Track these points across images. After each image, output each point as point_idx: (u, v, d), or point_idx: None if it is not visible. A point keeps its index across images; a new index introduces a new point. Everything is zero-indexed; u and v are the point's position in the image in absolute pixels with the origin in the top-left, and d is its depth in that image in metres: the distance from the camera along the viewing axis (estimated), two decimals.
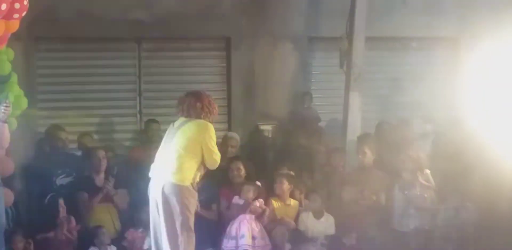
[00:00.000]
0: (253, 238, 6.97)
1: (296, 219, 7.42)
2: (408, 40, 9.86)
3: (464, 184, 7.51)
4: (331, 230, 7.39)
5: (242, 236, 6.94)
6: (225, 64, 9.58)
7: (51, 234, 7.01)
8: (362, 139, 8.14)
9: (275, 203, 7.41)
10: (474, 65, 9.18)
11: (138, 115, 9.42)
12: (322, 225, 7.37)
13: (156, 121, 8.69)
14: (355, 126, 8.79)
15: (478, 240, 7.31)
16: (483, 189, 7.43)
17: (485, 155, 7.62)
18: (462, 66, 9.67)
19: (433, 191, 7.62)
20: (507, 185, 6.87)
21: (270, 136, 9.31)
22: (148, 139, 8.60)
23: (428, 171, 7.70)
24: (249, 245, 6.93)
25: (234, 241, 6.97)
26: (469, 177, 7.58)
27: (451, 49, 9.95)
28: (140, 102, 9.42)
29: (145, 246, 7.00)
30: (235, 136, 8.48)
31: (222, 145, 8.28)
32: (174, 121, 6.29)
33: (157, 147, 8.17)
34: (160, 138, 8.46)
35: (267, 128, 9.33)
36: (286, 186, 7.38)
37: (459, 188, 7.49)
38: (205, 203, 7.21)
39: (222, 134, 8.98)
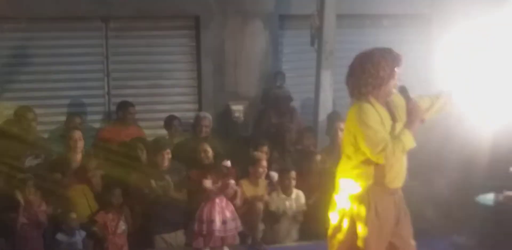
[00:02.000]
0: (224, 221, 6.90)
1: (267, 198, 7.34)
2: (380, 18, 9.79)
3: (436, 159, 7.50)
4: (303, 207, 7.32)
5: (213, 220, 6.87)
6: (194, 44, 9.42)
7: (14, 215, 6.79)
8: (332, 117, 8.08)
9: (246, 184, 7.32)
10: (446, 42, 9.12)
11: (107, 97, 9.23)
12: (293, 202, 7.29)
13: (133, 105, 8.51)
14: (327, 105, 8.75)
15: (451, 216, 7.31)
16: (456, 163, 7.44)
17: (457, 130, 7.60)
18: (434, 43, 9.62)
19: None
20: (479, 158, 6.88)
21: (241, 115, 9.20)
22: (120, 120, 8.44)
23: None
24: (220, 230, 6.86)
25: (205, 225, 6.88)
26: (441, 154, 7.57)
27: (422, 26, 9.90)
28: (108, 83, 9.24)
29: (119, 230, 6.86)
30: (208, 116, 8.37)
31: (195, 125, 8.20)
32: None
33: (128, 129, 8.15)
34: (135, 121, 8.42)
35: (238, 108, 9.23)
36: (260, 167, 7.29)
37: (432, 164, 7.47)
38: (175, 185, 7.10)
39: (192, 114, 8.89)
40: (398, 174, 4.44)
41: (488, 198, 6.24)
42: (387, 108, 4.34)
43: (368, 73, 4.27)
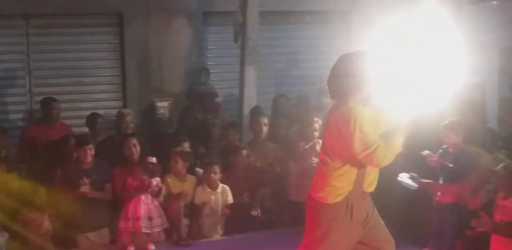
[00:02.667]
0: (150, 218, 6.91)
1: (193, 193, 7.38)
2: (302, 14, 9.95)
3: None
4: (229, 199, 7.41)
5: (138, 218, 6.88)
6: (118, 41, 9.39)
7: None
8: (255, 112, 8.17)
9: (172, 180, 7.34)
10: (366, 38, 9.34)
11: (28, 95, 9.11)
12: (219, 197, 7.37)
13: (57, 101, 8.38)
14: (251, 100, 8.84)
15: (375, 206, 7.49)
16: None
17: None
18: (354, 39, 9.84)
19: None
20: (409, 153, 7.06)
21: (166, 112, 9.21)
22: (44, 118, 8.33)
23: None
24: (145, 227, 6.87)
25: (130, 222, 6.88)
26: None
27: (343, 22, 10.11)
28: (30, 81, 9.10)
29: (43, 230, 6.77)
30: (131, 112, 8.36)
31: (119, 122, 8.17)
32: None
33: (54, 126, 8.04)
34: (60, 118, 8.29)
35: (163, 104, 9.23)
36: (180, 164, 7.32)
37: None
38: (97, 183, 7.08)
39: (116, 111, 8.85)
40: (375, 178, 4.53)
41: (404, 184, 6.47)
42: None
43: (350, 75, 4.26)
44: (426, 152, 6.61)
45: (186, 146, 7.57)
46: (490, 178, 6.10)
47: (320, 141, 7.71)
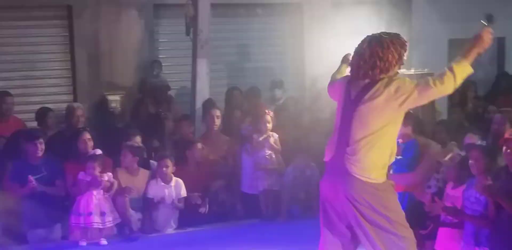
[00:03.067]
0: (102, 214, 6.87)
1: (147, 187, 7.34)
2: (253, 7, 9.94)
3: (307, 145, 7.73)
4: (182, 193, 7.38)
5: (90, 213, 6.83)
6: (67, 33, 9.24)
7: None
8: (208, 104, 8.16)
9: (122, 174, 7.29)
10: (317, 29, 9.43)
11: None
12: (172, 190, 7.34)
13: (11, 95, 8.22)
14: (203, 93, 8.81)
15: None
16: (323, 148, 7.67)
17: (325, 114, 7.89)
18: (306, 31, 9.90)
19: (279, 153, 7.79)
20: None
21: (118, 105, 9.13)
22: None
23: (276, 135, 7.86)
24: (97, 223, 6.83)
25: (82, 218, 6.83)
26: (311, 137, 7.81)
27: (295, 15, 10.13)
28: None
29: None
30: (81, 106, 8.29)
31: (69, 116, 8.07)
32: None
33: (7, 121, 7.87)
34: (12, 112, 8.10)
35: (114, 98, 9.14)
36: (130, 158, 7.27)
37: (303, 149, 7.69)
38: (48, 178, 6.99)
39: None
40: None
41: None
42: None
43: (377, 57, 4.28)
44: None
45: (138, 140, 7.52)
46: (439, 168, 6.19)
47: (274, 134, 7.82)
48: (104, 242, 6.89)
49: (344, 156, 4.33)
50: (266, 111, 7.90)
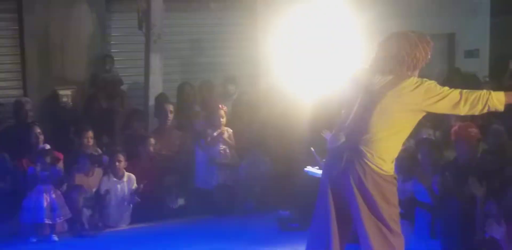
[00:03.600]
0: (53, 209, 6.77)
1: (99, 182, 7.26)
2: (207, 1, 9.91)
3: (261, 140, 7.75)
4: (135, 190, 7.31)
5: (41, 209, 6.73)
6: (17, 27, 9.06)
7: None
8: (160, 99, 8.12)
9: (78, 175, 7.19)
10: (271, 24, 9.41)
11: None
12: (125, 185, 7.28)
13: None
14: (156, 88, 8.77)
15: (275, 192, 7.61)
16: (278, 142, 7.73)
17: (279, 109, 7.91)
18: (260, 26, 9.90)
19: (234, 148, 7.79)
20: (297, 137, 7.19)
21: (69, 100, 9.00)
22: None
23: (230, 130, 7.86)
24: (48, 218, 6.73)
25: (32, 213, 6.72)
26: (265, 132, 7.84)
27: (248, 9, 10.12)
28: None
29: None
30: (29, 100, 8.17)
31: (18, 111, 7.93)
32: None
33: None
34: None
35: (66, 93, 9.02)
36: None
37: (257, 144, 7.71)
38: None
39: None
40: None
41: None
42: None
43: (405, 53, 4.31)
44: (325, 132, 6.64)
45: (89, 135, 7.43)
46: None
47: (228, 129, 7.82)
48: (55, 238, 6.79)
49: (360, 142, 4.32)
50: (220, 106, 7.89)
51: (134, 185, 7.31)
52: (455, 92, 4.27)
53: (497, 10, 11.19)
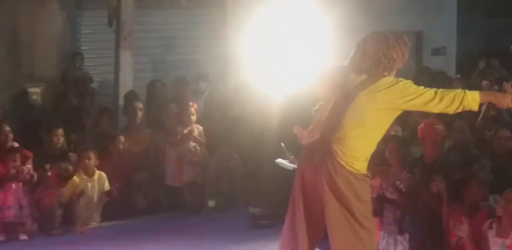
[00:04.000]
0: (21, 207, 6.73)
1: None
2: None
3: (231, 137, 7.78)
4: (106, 186, 7.31)
5: (9, 207, 6.69)
6: None
7: None
8: (129, 97, 8.11)
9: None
10: (241, 21, 9.44)
11: None
12: (95, 184, 7.26)
13: None
14: (127, 85, 8.77)
15: (246, 189, 7.64)
16: (248, 140, 7.76)
17: (250, 108, 7.94)
18: (231, 24, 9.91)
19: (204, 146, 7.81)
20: (267, 134, 7.22)
21: (39, 98, 8.94)
22: None
23: (200, 127, 7.88)
24: (16, 216, 6.69)
25: (0, 212, 6.67)
26: (235, 129, 7.87)
27: (219, 7, 10.12)
28: None
29: None
30: None
31: None
32: None
33: None
34: None
35: (35, 90, 8.95)
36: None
37: (227, 141, 7.74)
38: None
39: None
40: None
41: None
42: None
43: (382, 54, 4.36)
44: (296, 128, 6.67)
45: (59, 133, 7.39)
46: None
47: (199, 126, 7.83)
48: (24, 237, 6.74)
49: (332, 140, 4.35)
50: (190, 103, 7.91)
51: (105, 183, 7.29)
52: (431, 91, 4.32)
53: (463, 8, 11.34)
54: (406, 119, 6.83)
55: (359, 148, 4.35)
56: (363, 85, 4.38)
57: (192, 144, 7.78)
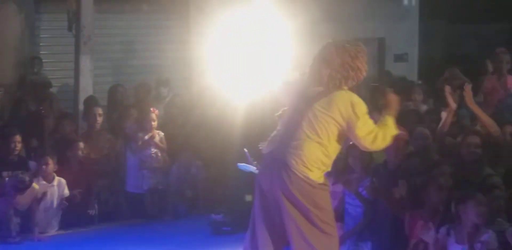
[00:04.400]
0: None
1: None
2: (139, 3, 9.81)
3: (193, 143, 7.73)
4: (65, 193, 7.19)
5: None
6: None
7: None
8: (89, 102, 8.01)
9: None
10: (204, 26, 9.41)
11: None
12: (55, 190, 7.13)
13: None
14: (87, 90, 8.66)
15: (208, 195, 7.59)
16: (210, 145, 7.71)
17: (213, 113, 7.90)
18: (193, 29, 9.87)
19: (165, 152, 7.74)
20: (230, 140, 7.19)
21: None
22: None
23: (161, 133, 7.81)
24: None
25: None
26: (197, 135, 7.82)
27: (181, 12, 10.08)
28: None
29: None
30: None
31: None
32: None
33: None
34: None
35: None
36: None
37: (189, 147, 7.68)
38: None
39: None
40: None
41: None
42: None
43: (349, 67, 4.38)
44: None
45: (17, 139, 7.24)
46: None
47: (160, 132, 7.75)
48: None
49: (287, 150, 4.38)
50: (151, 109, 7.83)
51: (65, 190, 7.18)
52: (372, 123, 4.40)
53: (425, 15, 11.46)
54: None
55: (314, 159, 4.38)
56: (320, 96, 4.41)
57: (153, 150, 7.71)
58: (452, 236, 4.88)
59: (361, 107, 4.39)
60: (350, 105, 4.37)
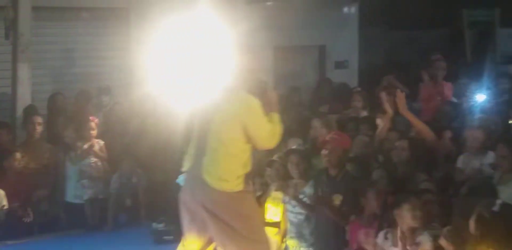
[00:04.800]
0: None
1: None
2: (78, 10, 9.66)
3: (134, 151, 7.66)
4: (4, 203, 7.03)
5: None
6: None
7: None
8: (28, 111, 7.88)
9: None
10: (144, 34, 9.36)
11: None
12: None
13: None
14: (25, 99, 8.51)
15: (148, 205, 7.53)
16: (151, 154, 7.66)
17: (153, 121, 7.85)
18: (133, 37, 9.78)
19: (105, 161, 7.64)
20: (172, 148, 7.15)
21: None
22: None
23: (101, 142, 7.72)
24: None
25: None
26: (138, 143, 7.75)
27: (121, 19, 9.96)
28: None
29: None
30: None
31: None
32: None
33: None
34: None
35: None
36: None
37: (130, 155, 7.61)
38: None
39: None
40: None
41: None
42: None
43: (246, 69, 4.58)
44: None
45: None
46: (264, 171, 6.29)
47: (100, 141, 7.65)
48: None
49: (201, 165, 4.46)
50: (91, 118, 7.74)
51: (2, 201, 7.02)
52: (263, 124, 4.51)
53: (365, 23, 11.59)
54: (306, 132, 6.90)
55: (224, 168, 4.46)
56: (217, 103, 4.53)
57: (93, 159, 7.62)
58: (389, 240, 4.94)
59: (260, 111, 4.50)
60: (249, 110, 4.49)
